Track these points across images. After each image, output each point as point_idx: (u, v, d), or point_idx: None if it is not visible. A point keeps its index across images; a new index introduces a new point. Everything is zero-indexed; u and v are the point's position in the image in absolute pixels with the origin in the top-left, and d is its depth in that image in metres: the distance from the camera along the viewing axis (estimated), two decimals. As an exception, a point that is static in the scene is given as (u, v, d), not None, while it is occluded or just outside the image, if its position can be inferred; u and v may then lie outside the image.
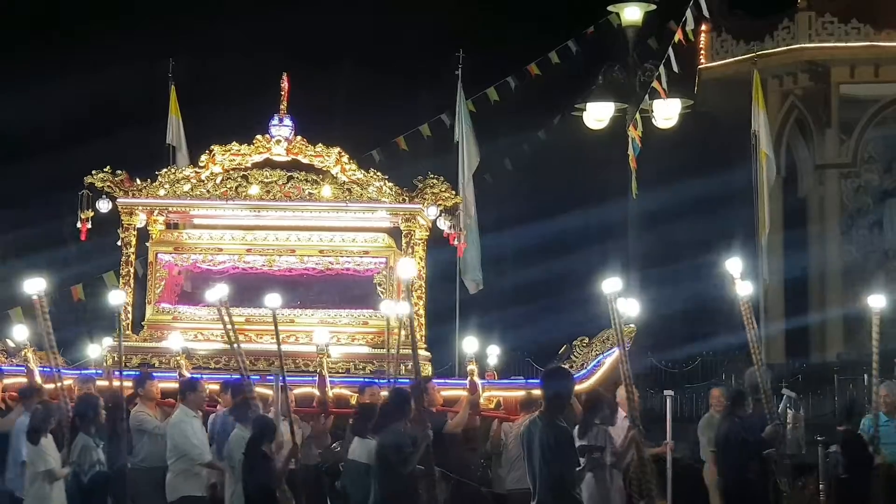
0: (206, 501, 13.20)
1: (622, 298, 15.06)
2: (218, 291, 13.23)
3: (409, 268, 12.87)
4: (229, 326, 13.11)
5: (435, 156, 22.07)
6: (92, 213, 15.67)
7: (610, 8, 21.54)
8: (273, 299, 13.48)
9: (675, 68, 19.88)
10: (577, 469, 10.54)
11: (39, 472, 12.05)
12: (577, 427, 11.81)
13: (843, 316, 27.30)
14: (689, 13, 20.14)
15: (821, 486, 15.41)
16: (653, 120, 20.42)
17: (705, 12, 20.73)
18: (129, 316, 15.82)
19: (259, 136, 16.17)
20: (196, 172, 16.05)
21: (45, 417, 12.30)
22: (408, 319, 13.02)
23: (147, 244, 16.22)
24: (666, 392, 15.53)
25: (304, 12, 30.34)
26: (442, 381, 15.54)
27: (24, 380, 14.78)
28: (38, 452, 12.09)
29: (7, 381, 14.81)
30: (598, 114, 20.75)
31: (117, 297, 13.94)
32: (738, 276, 13.52)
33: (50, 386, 14.74)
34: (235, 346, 13.20)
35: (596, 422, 12.01)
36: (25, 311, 19.56)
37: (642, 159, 20.25)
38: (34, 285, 13.34)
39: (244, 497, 12.12)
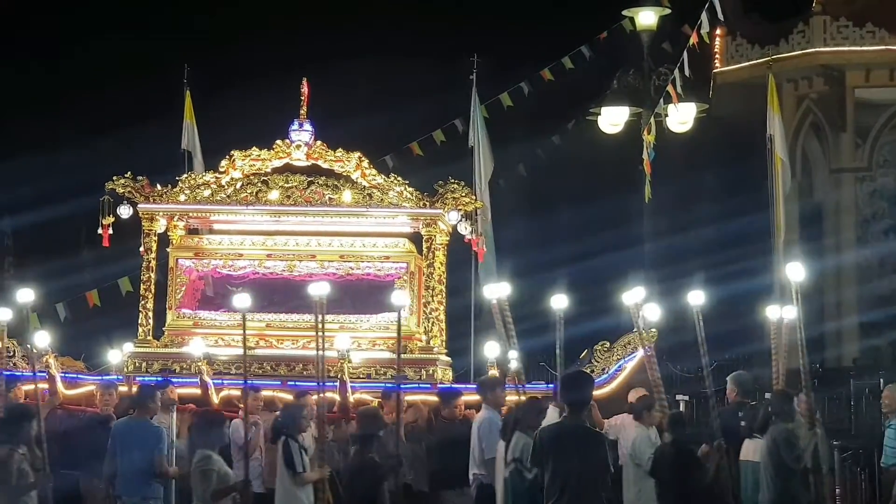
0: None
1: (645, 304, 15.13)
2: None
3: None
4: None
5: (449, 162, 22.03)
6: (113, 219, 15.68)
7: (624, 12, 21.52)
8: None
9: (687, 73, 19.88)
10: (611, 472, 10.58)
11: None
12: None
13: (859, 320, 27.24)
14: (704, 17, 20.13)
15: (837, 490, 15.40)
16: (667, 124, 20.40)
17: (720, 16, 20.74)
18: (150, 322, 15.81)
19: (279, 141, 16.15)
20: (216, 178, 16.03)
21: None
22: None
23: (167, 250, 16.20)
24: (679, 396, 15.51)
25: (321, 17, 30.35)
26: (463, 386, 15.50)
27: (45, 385, 14.78)
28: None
29: (26, 387, 14.77)
30: (612, 118, 20.76)
31: None
32: None
33: (71, 392, 14.83)
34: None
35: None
36: (41, 316, 19.63)
37: (657, 163, 20.23)
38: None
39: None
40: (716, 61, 28.77)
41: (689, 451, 12.39)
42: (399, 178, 15.94)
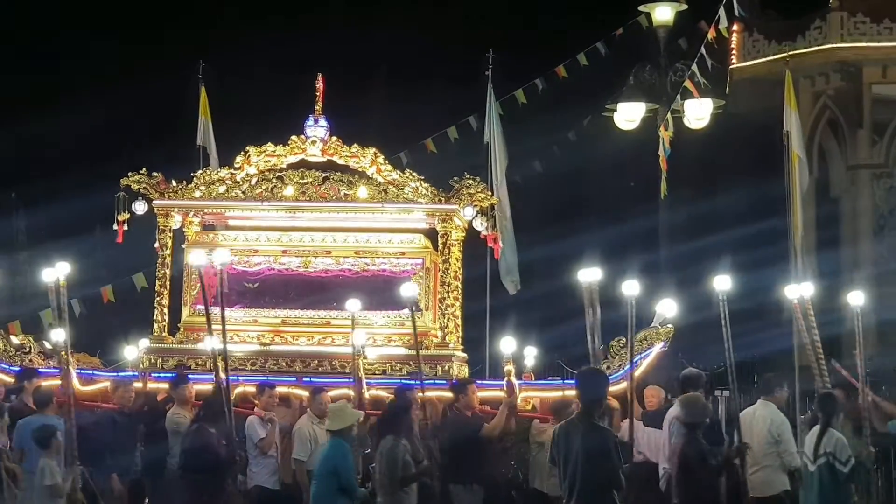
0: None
1: (662, 300, 15.04)
2: None
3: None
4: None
5: (462, 158, 22.00)
6: (128, 215, 15.66)
7: (641, 8, 21.45)
8: None
9: (708, 67, 19.81)
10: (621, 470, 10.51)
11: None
12: None
13: (876, 319, 27.07)
14: (721, 12, 20.08)
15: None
16: (684, 120, 20.32)
17: (737, 12, 20.67)
18: (166, 318, 15.79)
19: (294, 137, 16.10)
20: (231, 174, 15.99)
21: None
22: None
23: (183, 246, 16.18)
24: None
25: (336, 13, 30.38)
26: (478, 381, 15.44)
27: (59, 382, 14.77)
28: None
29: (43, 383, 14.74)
30: (628, 114, 20.69)
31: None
32: None
33: (87, 388, 14.81)
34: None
35: None
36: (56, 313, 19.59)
37: (673, 160, 20.15)
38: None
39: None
40: (732, 57, 28.71)
41: None
42: (415, 174, 15.87)
